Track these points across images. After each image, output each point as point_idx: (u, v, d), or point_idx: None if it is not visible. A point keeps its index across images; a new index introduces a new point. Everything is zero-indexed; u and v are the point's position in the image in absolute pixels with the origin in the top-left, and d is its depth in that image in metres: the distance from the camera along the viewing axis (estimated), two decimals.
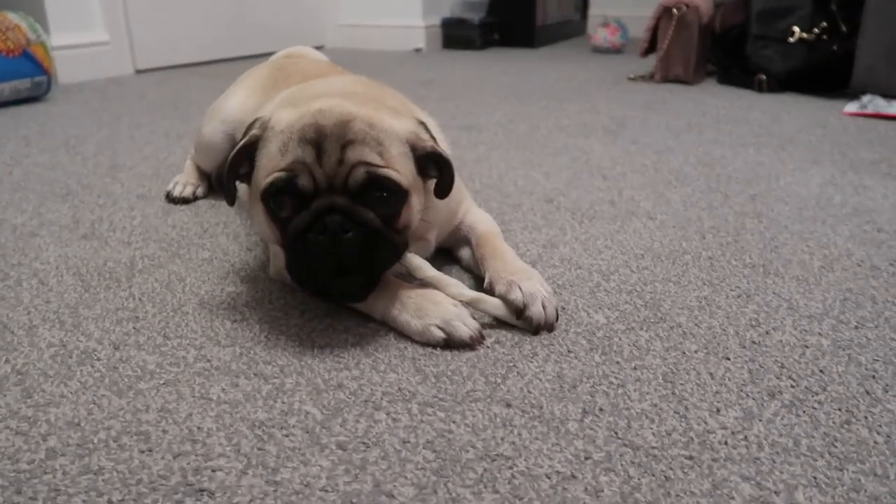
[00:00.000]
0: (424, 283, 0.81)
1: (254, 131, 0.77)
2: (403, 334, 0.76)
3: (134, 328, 0.78)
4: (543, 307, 0.77)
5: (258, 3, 3.26)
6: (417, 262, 0.80)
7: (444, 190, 0.81)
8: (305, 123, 0.73)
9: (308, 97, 0.81)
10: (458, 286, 0.79)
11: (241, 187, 0.82)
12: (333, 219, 0.71)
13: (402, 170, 0.74)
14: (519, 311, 0.77)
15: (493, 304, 0.78)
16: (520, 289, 0.77)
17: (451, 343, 0.74)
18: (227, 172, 0.78)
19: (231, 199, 0.81)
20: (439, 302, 0.76)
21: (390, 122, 0.76)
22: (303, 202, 0.73)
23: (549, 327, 0.77)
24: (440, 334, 0.74)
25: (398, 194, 0.74)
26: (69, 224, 1.11)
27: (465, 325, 0.74)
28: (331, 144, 0.72)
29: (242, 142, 0.77)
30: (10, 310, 0.82)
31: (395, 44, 3.62)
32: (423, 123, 0.80)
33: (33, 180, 1.34)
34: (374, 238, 0.73)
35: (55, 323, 0.79)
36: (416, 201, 0.77)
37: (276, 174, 0.72)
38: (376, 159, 0.73)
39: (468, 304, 0.78)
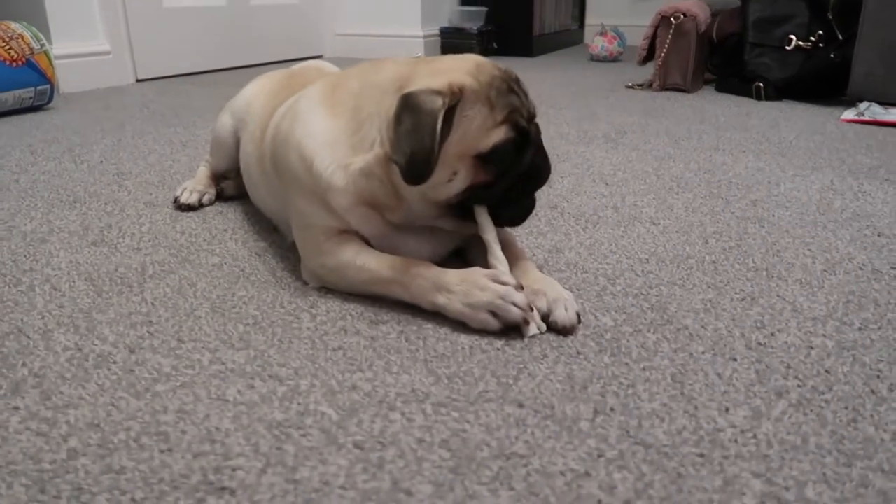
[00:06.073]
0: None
1: (444, 100, 0.74)
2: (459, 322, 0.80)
3: (148, 332, 0.79)
4: (565, 310, 0.79)
5: (257, 14, 3.28)
6: (487, 219, 0.84)
7: None
8: (495, 75, 0.79)
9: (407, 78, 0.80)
10: (504, 265, 0.82)
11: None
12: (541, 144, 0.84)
13: None
14: (545, 317, 0.79)
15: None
16: (545, 296, 0.80)
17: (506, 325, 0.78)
18: (433, 143, 0.74)
19: (430, 171, 0.76)
20: (485, 287, 0.78)
21: None
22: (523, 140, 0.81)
23: (572, 329, 0.79)
24: (494, 322, 0.77)
25: None
26: (78, 231, 1.11)
27: (515, 305, 0.77)
28: (519, 85, 0.81)
29: (442, 115, 0.74)
30: (24, 314, 0.83)
31: (395, 53, 3.63)
32: None
33: (40, 188, 1.34)
34: None
35: (70, 327, 0.80)
36: None
37: (502, 128, 0.78)
38: None
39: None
